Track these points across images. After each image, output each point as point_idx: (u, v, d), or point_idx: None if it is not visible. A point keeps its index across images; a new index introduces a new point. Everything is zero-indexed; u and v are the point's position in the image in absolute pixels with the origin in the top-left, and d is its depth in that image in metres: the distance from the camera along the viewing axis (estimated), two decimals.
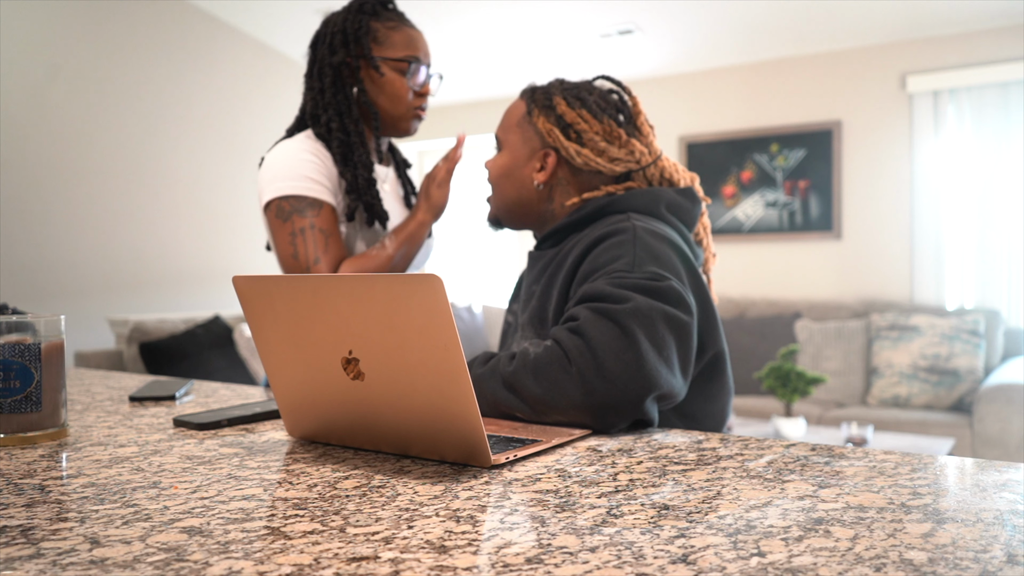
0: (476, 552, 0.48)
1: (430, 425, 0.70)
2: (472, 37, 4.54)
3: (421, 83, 1.41)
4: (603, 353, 0.86)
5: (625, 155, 1.15)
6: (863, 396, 4.02)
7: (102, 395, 1.20)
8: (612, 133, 1.14)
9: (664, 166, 1.19)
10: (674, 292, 0.94)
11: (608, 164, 1.15)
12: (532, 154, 1.18)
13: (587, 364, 0.85)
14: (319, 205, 1.31)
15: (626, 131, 1.16)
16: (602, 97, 1.18)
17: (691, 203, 1.16)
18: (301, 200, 1.31)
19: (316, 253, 1.30)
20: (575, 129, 1.14)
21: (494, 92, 5.42)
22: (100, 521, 0.55)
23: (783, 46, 4.46)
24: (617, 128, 1.14)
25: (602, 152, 1.14)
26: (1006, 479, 0.63)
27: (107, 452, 0.78)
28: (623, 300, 0.90)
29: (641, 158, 1.16)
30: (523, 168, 1.19)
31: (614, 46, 4.55)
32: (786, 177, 4.59)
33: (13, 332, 0.82)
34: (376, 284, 0.68)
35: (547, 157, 1.16)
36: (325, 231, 1.31)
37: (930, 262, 4.18)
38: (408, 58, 1.38)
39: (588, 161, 1.14)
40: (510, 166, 1.20)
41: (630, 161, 1.15)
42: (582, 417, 0.86)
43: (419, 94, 1.41)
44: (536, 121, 1.17)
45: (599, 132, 1.14)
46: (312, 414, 0.80)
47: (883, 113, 4.33)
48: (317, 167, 1.33)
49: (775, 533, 0.50)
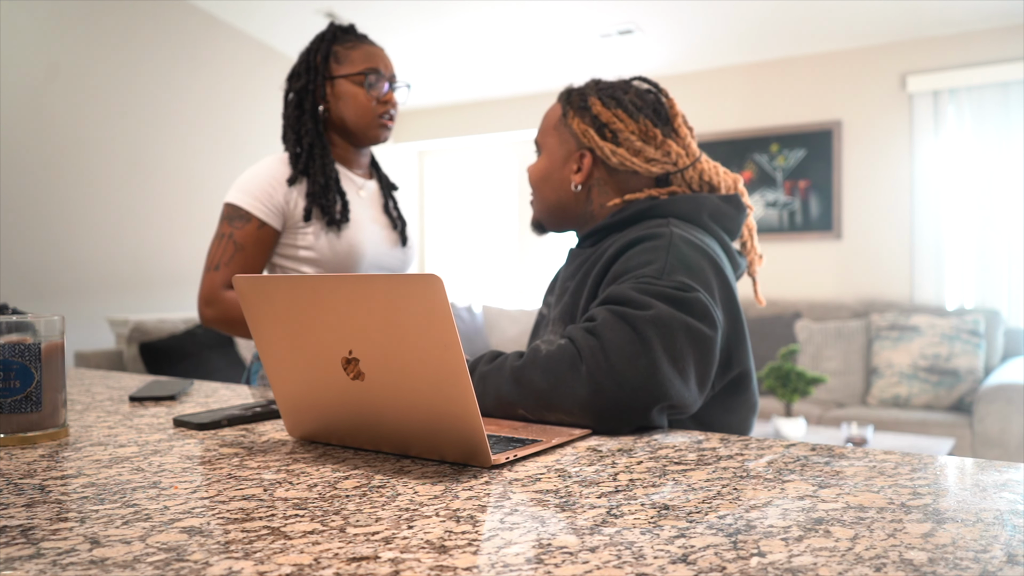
0: (476, 552, 0.48)
1: (430, 425, 0.70)
2: (472, 37, 4.54)
3: (382, 93, 1.52)
4: (615, 356, 0.85)
5: (662, 156, 1.14)
6: (863, 396, 4.02)
7: (102, 395, 1.20)
8: (648, 133, 1.13)
9: (704, 168, 1.17)
10: (700, 305, 0.92)
11: (644, 164, 1.13)
12: (569, 156, 1.18)
13: (598, 365, 0.85)
14: (247, 219, 1.47)
15: (663, 132, 1.15)
16: (638, 96, 1.16)
17: (736, 210, 1.14)
18: (238, 210, 1.47)
19: (222, 259, 1.45)
20: (611, 128, 1.14)
21: (494, 92, 5.42)
22: (100, 521, 0.55)
23: (783, 46, 4.46)
24: (653, 128, 1.13)
25: (638, 152, 1.13)
26: (1006, 479, 0.63)
27: (107, 452, 0.78)
28: (645, 307, 0.89)
29: (679, 160, 1.14)
30: (561, 171, 1.18)
31: (614, 46, 4.55)
32: (786, 177, 4.59)
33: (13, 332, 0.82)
34: (376, 284, 0.68)
35: (583, 158, 1.16)
36: (238, 244, 1.46)
37: (930, 262, 4.18)
38: (366, 71, 1.51)
39: (624, 161, 1.13)
40: (548, 169, 1.20)
41: (667, 163, 1.14)
42: (585, 418, 0.85)
43: (382, 102, 1.53)
44: (571, 123, 1.16)
45: (635, 132, 1.13)
46: (312, 414, 0.80)
47: (883, 113, 4.33)
48: (266, 185, 1.48)
49: (775, 533, 0.50)
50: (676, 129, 1.16)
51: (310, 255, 1.51)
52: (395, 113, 1.55)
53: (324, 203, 1.48)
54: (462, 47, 4.69)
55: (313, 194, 1.48)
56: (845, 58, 4.42)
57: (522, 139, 5.55)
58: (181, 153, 4.31)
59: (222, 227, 1.48)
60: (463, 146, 5.89)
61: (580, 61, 4.79)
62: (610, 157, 1.13)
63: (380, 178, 1.66)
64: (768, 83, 4.64)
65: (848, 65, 4.42)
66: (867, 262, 4.38)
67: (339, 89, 1.51)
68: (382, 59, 1.53)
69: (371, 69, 1.51)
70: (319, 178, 1.49)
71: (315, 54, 1.52)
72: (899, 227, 4.29)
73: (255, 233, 1.46)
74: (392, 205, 1.65)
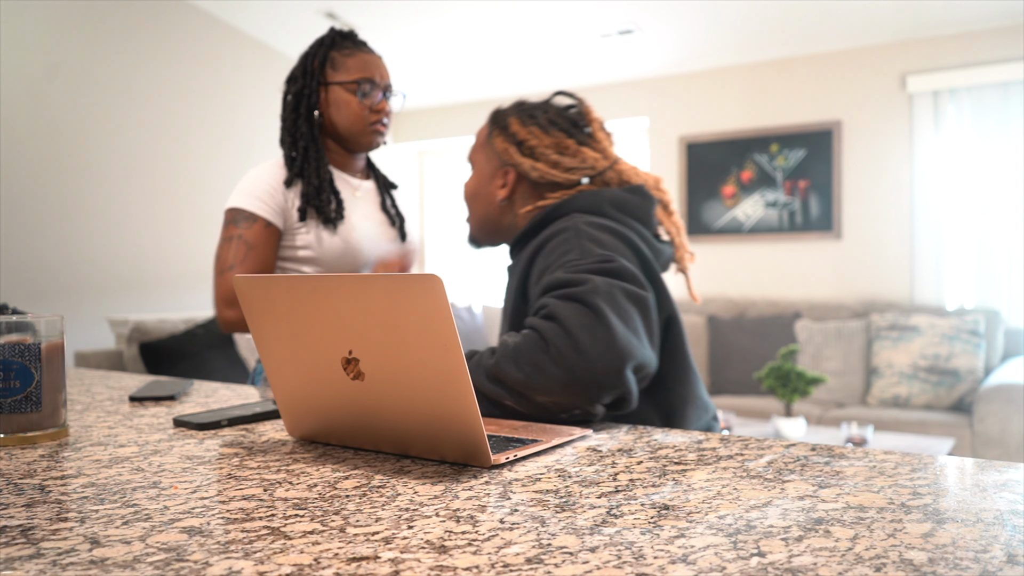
0: (476, 552, 0.48)
1: (430, 425, 0.70)
2: (472, 37, 4.54)
3: (375, 102, 1.55)
4: (577, 331, 0.90)
5: (579, 163, 1.21)
6: (863, 396, 4.02)
7: (102, 395, 1.20)
8: (562, 144, 1.22)
9: (622, 169, 1.24)
10: (627, 270, 0.99)
11: (563, 174, 1.21)
12: (495, 173, 1.26)
13: (563, 343, 0.89)
14: (253, 219, 1.49)
15: (577, 140, 1.23)
16: (556, 113, 1.25)
17: (640, 199, 1.19)
18: (241, 213, 1.49)
19: (234, 260, 1.47)
20: (527, 145, 1.22)
21: (494, 92, 5.42)
22: (100, 521, 0.55)
23: (783, 46, 4.46)
24: (567, 139, 1.22)
25: (556, 164, 1.21)
26: (1006, 479, 0.63)
27: (107, 452, 0.78)
28: (583, 283, 0.95)
29: (596, 163, 1.22)
30: (488, 186, 1.27)
31: (614, 46, 4.55)
32: (786, 177, 4.59)
33: (13, 332, 0.82)
34: (376, 284, 0.68)
35: (507, 174, 1.24)
36: (249, 243, 1.48)
37: (930, 262, 4.18)
38: (360, 79, 1.53)
39: (543, 174, 1.21)
40: (477, 186, 1.29)
41: (585, 168, 1.22)
42: (567, 396, 0.89)
43: (375, 111, 1.55)
44: (495, 141, 1.25)
45: (550, 146, 1.22)
46: (312, 414, 0.80)
47: (883, 113, 4.33)
48: (267, 185, 1.51)
49: (775, 533, 0.50)
50: (592, 135, 1.25)
51: (308, 254, 1.53)
52: (388, 121, 1.58)
53: (318, 203, 1.51)
54: (462, 47, 4.69)
55: (307, 195, 1.51)
56: (845, 58, 4.42)
57: None
58: (181, 153, 4.31)
59: (228, 231, 1.49)
60: (463, 146, 5.89)
61: (580, 61, 4.79)
62: (530, 172, 1.22)
63: (377, 178, 1.69)
64: (768, 83, 4.64)
65: (848, 65, 4.42)
66: (867, 262, 4.38)
67: (333, 95, 1.54)
68: (378, 68, 1.55)
69: (365, 79, 1.53)
70: (313, 180, 1.52)
71: (313, 59, 1.54)
72: (899, 227, 4.29)
73: (263, 232, 1.49)
74: (390, 203, 1.67)
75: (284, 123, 1.57)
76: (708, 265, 4.81)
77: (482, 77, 5.16)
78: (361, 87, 1.52)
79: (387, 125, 1.58)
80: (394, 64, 4.89)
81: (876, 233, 4.35)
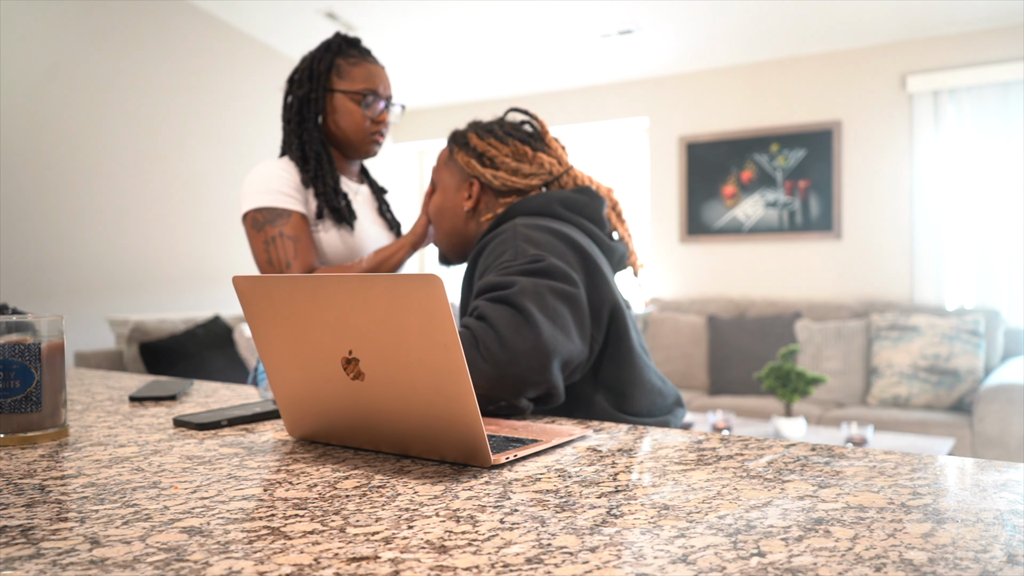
0: (476, 552, 0.48)
1: (430, 425, 0.70)
2: (472, 37, 4.54)
3: (376, 113, 1.58)
4: (504, 331, 0.95)
5: (537, 169, 1.28)
6: (863, 396, 4.02)
7: (102, 395, 1.20)
8: (519, 151, 1.28)
9: (577, 175, 1.30)
10: (556, 268, 1.04)
11: (523, 181, 1.28)
12: (459, 187, 1.32)
13: (492, 341, 0.95)
14: (288, 214, 1.48)
15: (533, 147, 1.29)
16: (511, 125, 1.32)
17: (588, 198, 1.24)
18: (272, 211, 1.48)
19: (287, 258, 1.46)
20: (487, 156, 1.29)
21: (494, 92, 5.42)
22: (100, 521, 0.55)
23: (783, 46, 4.46)
24: (523, 146, 1.28)
25: (515, 171, 1.28)
26: (1006, 479, 0.63)
27: (107, 452, 0.78)
28: (510, 285, 1.01)
29: (552, 168, 1.28)
30: (453, 200, 1.33)
31: (614, 46, 4.55)
32: (786, 177, 4.59)
33: (13, 332, 0.82)
34: (376, 284, 0.68)
35: (472, 186, 1.31)
36: (294, 237, 1.48)
37: (930, 262, 4.18)
38: (364, 91, 1.55)
39: (505, 182, 1.27)
40: (443, 202, 1.34)
41: (543, 173, 1.28)
42: (493, 389, 0.95)
43: (376, 121, 1.58)
44: (457, 157, 1.32)
45: (509, 154, 1.29)
46: (312, 414, 0.80)
47: (883, 113, 4.33)
48: (287, 181, 1.51)
49: (775, 533, 0.50)
50: (548, 143, 1.31)
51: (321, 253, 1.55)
52: (387, 131, 1.62)
53: (336, 204, 1.54)
54: (462, 47, 4.69)
55: (324, 194, 1.53)
56: (845, 58, 4.42)
57: None
58: (181, 153, 4.31)
59: (264, 232, 1.48)
60: None
61: (580, 61, 4.79)
62: (492, 181, 1.28)
63: (371, 183, 1.73)
64: (768, 83, 4.64)
65: (848, 65, 4.42)
66: (867, 262, 4.38)
67: (336, 103, 1.56)
68: (382, 79, 1.58)
69: (370, 90, 1.55)
70: (329, 180, 1.55)
71: (319, 63, 1.56)
72: (899, 227, 4.29)
73: (301, 223, 1.49)
74: (385, 208, 1.72)
75: (289, 125, 1.58)
76: (708, 265, 4.81)
77: (482, 77, 5.16)
78: (365, 98, 1.55)
79: (385, 135, 1.62)
80: (394, 64, 4.89)
81: (876, 233, 4.35)
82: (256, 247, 1.48)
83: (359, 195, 1.65)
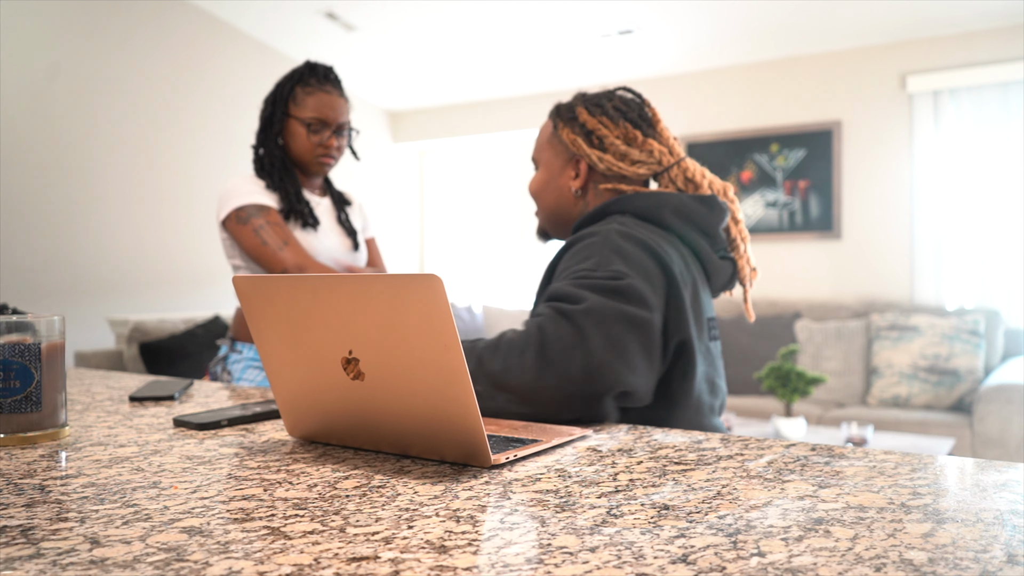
0: (476, 552, 0.48)
1: (430, 425, 0.70)
2: (472, 37, 4.54)
3: (323, 140, 1.75)
4: (552, 348, 0.91)
5: (646, 156, 1.19)
6: (863, 396, 4.02)
7: (102, 395, 1.20)
8: (630, 135, 1.19)
9: (688, 167, 1.20)
10: (633, 290, 0.96)
11: (631, 167, 1.19)
12: (565, 165, 1.23)
13: (537, 354, 0.91)
14: (267, 209, 1.67)
15: (643, 132, 1.20)
16: (622, 103, 1.22)
17: (708, 209, 1.15)
18: (253, 207, 1.66)
19: (280, 241, 1.62)
20: (597, 135, 1.19)
21: (494, 92, 5.42)
22: (100, 521, 0.55)
23: (783, 46, 4.46)
24: (634, 130, 1.19)
25: (623, 156, 1.18)
26: (1006, 479, 0.63)
27: (107, 452, 0.78)
28: (579, 300, 0.95)
29: (662, 158, 1.19)
30: (559, 179, 1.24)
31: (614, 46, 4.55)
32: (786, 177, 4.59)
33: (13, 332, 0.82)
34: (376, 284, 0.68)
35: (579, 164, 1.22)
36: (279, 224, 1.66)
37: (930, 262, 4.18)
38: (311, 119, 1.73)
39: (611, 166, 1.18)
40: (547, 180, 1.26)
41: (652, 163, 1.19)
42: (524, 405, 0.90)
43: (323, 146, 1.75)
44: (562, 133, 1.22)
45: (619, 136, 1.19)
46: (312, 414, 0.80)
47: (883, 113, 4.33)
48: (259, 186, 1.71)
49: (775, 533, 0.50)
50: (660, 132, 1.22)
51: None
52: (338, 153, 1.78)
53: (298, 208, 1.71)
54: (462, 47, 4.69)
55: (288, 200, 1.71)
56: (845, 58, 4.42)
57: (522, 139, 5.54)
58: (181, 153, 4.31)
59: (252, 223, 1.63)
60: (463, 146, 5.89)
61: (580, 61, 4.79)
62: (597, 163, 1.19)
63: (333, 195, 1.89)
64: (768, 83, 4.64)
65: (848, 65, 4.41)
66: (867, 262, 4.38)
67: (290, 126, 1.75)
68: (332, 109, 1.74)
69: (316, 119, 1.73)
70: (290, 188, 1.73)
71: (282, 88, 1.75)
72: (899, 227, 4.29)
73: (279, 216, 1.67)
74: (344, 217, 1.86)
75: (258, 140, 1.76)
76: None
77: (482, 77, 5.16)
78: (310, 126, 1.73)
79: (336, 156, 1.77)
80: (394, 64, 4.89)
81: (876, 233, 4.35)
82: (246, 237, 1.64)
83: (320, 206, 1.82)
